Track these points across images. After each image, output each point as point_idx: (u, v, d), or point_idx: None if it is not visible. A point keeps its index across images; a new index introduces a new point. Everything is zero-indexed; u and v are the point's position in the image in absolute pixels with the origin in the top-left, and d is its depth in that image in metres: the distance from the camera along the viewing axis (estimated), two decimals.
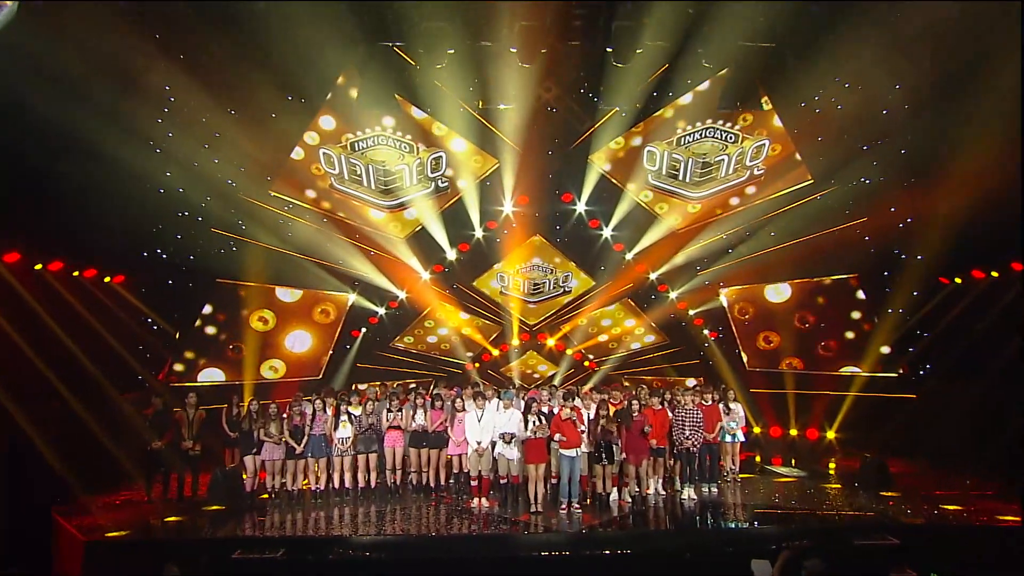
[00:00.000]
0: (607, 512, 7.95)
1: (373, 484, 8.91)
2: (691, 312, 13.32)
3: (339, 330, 12.57)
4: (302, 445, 8.63)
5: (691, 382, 13.24)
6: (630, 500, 8.30)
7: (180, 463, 8.90)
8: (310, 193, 11.26)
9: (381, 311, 13.07)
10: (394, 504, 8.45)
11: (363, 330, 13.07)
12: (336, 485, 8.79)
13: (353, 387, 11.06)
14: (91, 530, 7.30)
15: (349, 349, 12.91)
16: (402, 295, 12.82)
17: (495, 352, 13.94)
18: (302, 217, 11.27)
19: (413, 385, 10.50)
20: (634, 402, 8.38)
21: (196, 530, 7.65)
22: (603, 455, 7.99)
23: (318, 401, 8.86)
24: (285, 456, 8.65)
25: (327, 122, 10.79)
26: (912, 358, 10.98)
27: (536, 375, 14.40)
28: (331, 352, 12.49)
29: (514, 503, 8.16)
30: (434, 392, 9.52)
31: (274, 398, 9.60)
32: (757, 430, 12.86)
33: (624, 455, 8.16)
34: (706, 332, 13.43)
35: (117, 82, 8.38)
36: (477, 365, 13.91)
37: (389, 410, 8.96)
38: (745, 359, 12.89)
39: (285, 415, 8.70)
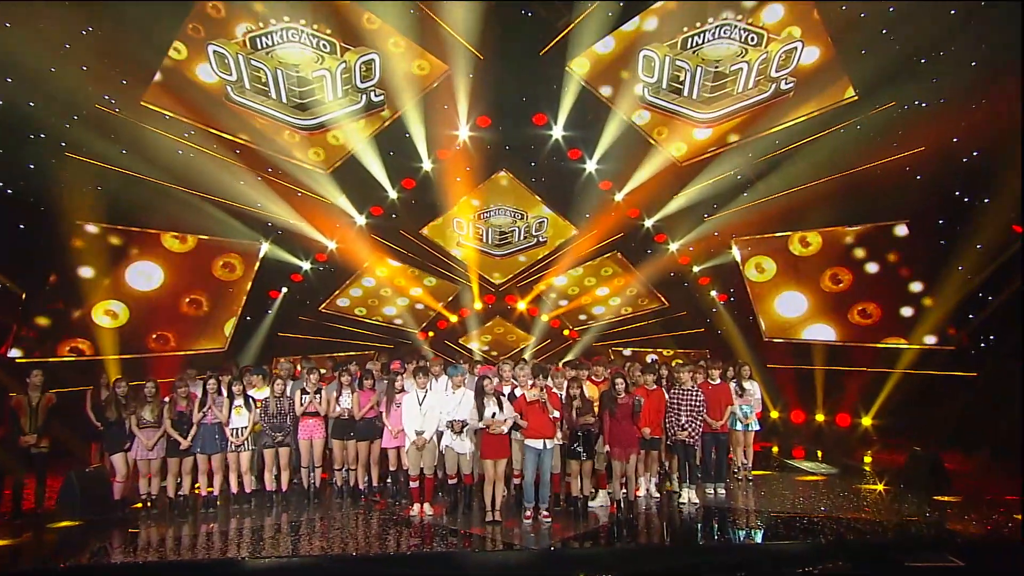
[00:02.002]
0: (585, 521, 7.49)
1: (284, 487, 8.39)
2: (696, 269, 13.13)
3: (248, 289, 12.07)
4: (188, 438, 8.03)
5: (652, 357, 13.39)
6: (615, 505, 7.84)
7: (18, 464, 8.14)
8: (198, 107, 9.98)
9: (305, 266, 12.69)
10: (310, 513, 7.94)
11: (283, 291, 12.82)
12: (234, 489, 8.22)
13: (275, 363, 10.30)
14: None
15: (268, 314, 12.70)
16: (331, 246, 12.40)
17: (452, 318, 13.97)
18: (192, 141, 10.26)
19: (346, 361, 10.33)
20: (620, 380, 7.69)
21: (38, 557, 6.93)
22: (580, 448, 7.49)
23: (211, 380, 8.19)
24: (166, 453, 8.08)
25: (214, 7, 9.50)
26: (973, 328, 10.56)
27: (503, 347, 14.56)
28: (238, 317, 12.02)
29: (466, 510, 7.73)
30: (365, 368, 9.06)
31: (156, 376, 8.76)
32: (775, 415, 12.54)
33: (607, 448, 7.66)
34: (714, 294, 13.27)
35: None
36: (431, 335, 14.09)
37: (304, 391, 8.39)
38: (763, 327, 12.43)
39: (167, 399, 8.11)
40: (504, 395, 7.56)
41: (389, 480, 8.63)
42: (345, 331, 13.66)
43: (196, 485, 8.29)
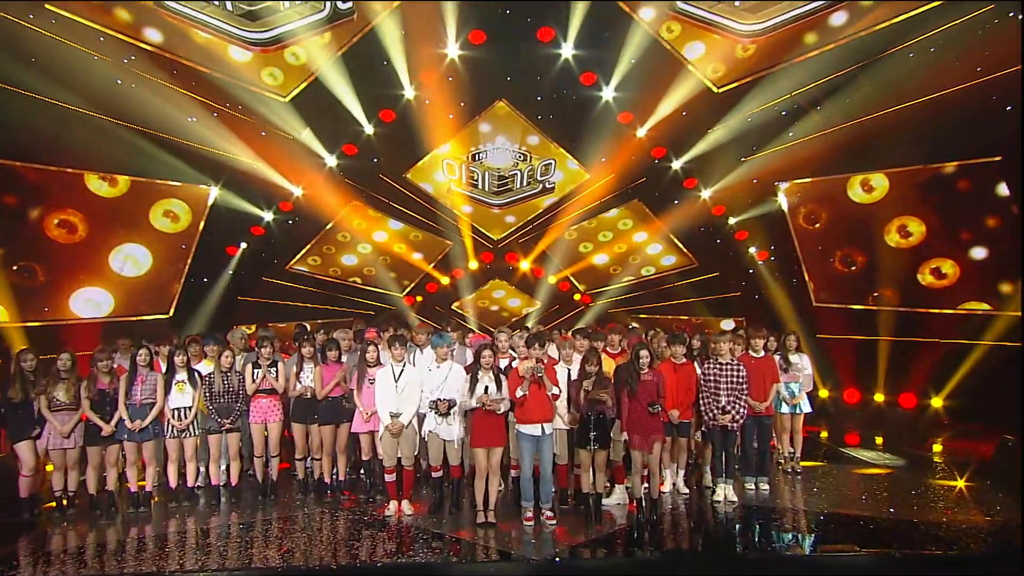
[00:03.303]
0: (597, 524, 7.20)
1: (233, 481, 8.29)
2: (732, 221, 12.79)
3: (196, 243, 11.65)
4: (112, 421, 7.75)
5: (728, 324, 13.03)
6: (634, 504, 7.51)
7: None
8: (117, 12, 9.32)
9: (267, 217, 12.35)
10: (265, 513, 7.74)
11: (242, 246, 12.51)
12: (173, 483, 8.03)
13: (239, 330, 9.76)
14: None
15: (224, 274, 12.43)
16: (297, 192, 12.01)
17: (443, 280, 13.98)
18: (105, 51, 9.49)
19: (311, 329, 10.08)
20: (643, 352, 7.30)
21: None
22: (592, 434, 7.13)
23: (142, 352, 7.92)
24: (85, 441, 7.80)
25: None
26: None
27: (503, 314, 14.61)
28: (185, 277, 11.71)
29: (452, 510, 7.53)
30: (330, 337, 8.73)
31: (80, 349, 8.47)
32: (824, 394, 12.20)
33: (626, 434, 7.33)
34: (753, 251, 12.98)
35: None
36: (419, 300, 14.13)
37: (256, 364, 8.15)
38: (812, 290, 12.09)
39: (89, 375, 7.86)
40: (501, 370, 7.41)
41: (362, 472, 8.47)
42: (317, 295, 13.51)
43: (141, 479, 8.06)
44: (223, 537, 6.99)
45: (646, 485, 7.48)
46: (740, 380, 7.79)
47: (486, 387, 7.04)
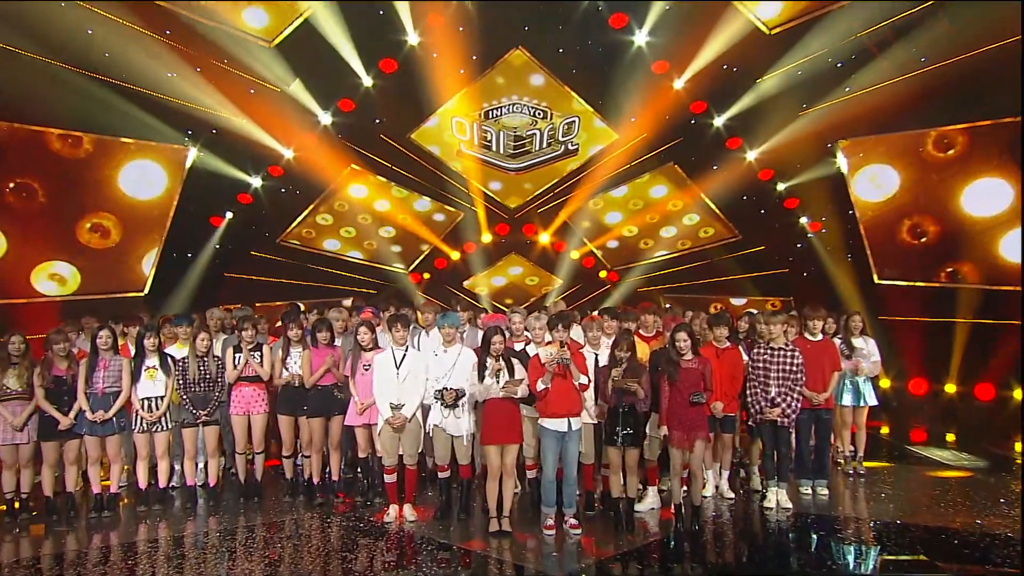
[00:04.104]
0: (629, 533, 6.97)
1: (211, 481, 8.12)
2: (781, 187, 12.55)
3: (173, 212, 11.49)
4: (71, 413, 7.56)
5: (739, 302, 13.35)
6: (671, 510, 7.23)
7: None
8: None
9: (255, 183, 12.32)
10: (249, 518, 7.60)
11: (227, 216, 12.50)
12: (141, 485, 7.88)
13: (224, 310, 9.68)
14: None
15: (207, 247, 12.52)
16: (287, 154, 11.99)
17: (453, 255, 14.10)
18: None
19: (299, 309, 9.97)
20: (682, 335, 7.06)
21: None
22: (623, 430, 6.91)
23: (103, 333, 7.70)
24: (39, 435, 7.62)
25: None
26: None
27: (520, 293, 14.62)
28: (162, 250, 11.61)
29: (462, 516, 7.39)
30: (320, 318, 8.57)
31: (45, 329, 8.24)
32: (886, 384, 11.94)
33: (663, 429, 7.11)
34: (805, 221, 12.71)
35: None
36: (426, 277, 14.28)
37: (237, 348, 8.01)
38: (873, 265, 11.72)
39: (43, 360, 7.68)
40: (516, 353, 7.18)
41: (358, 471, 8.20)
42: (312, 272, 13.61)
43: (110, 481, 7.87)
44: (200, 546, 6.83)
45: (685, 488, 7.26)
46: (794, 368, 7.47)
47: (498, 374, 6.79)
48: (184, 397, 7.73)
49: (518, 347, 7.39)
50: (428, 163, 12.51)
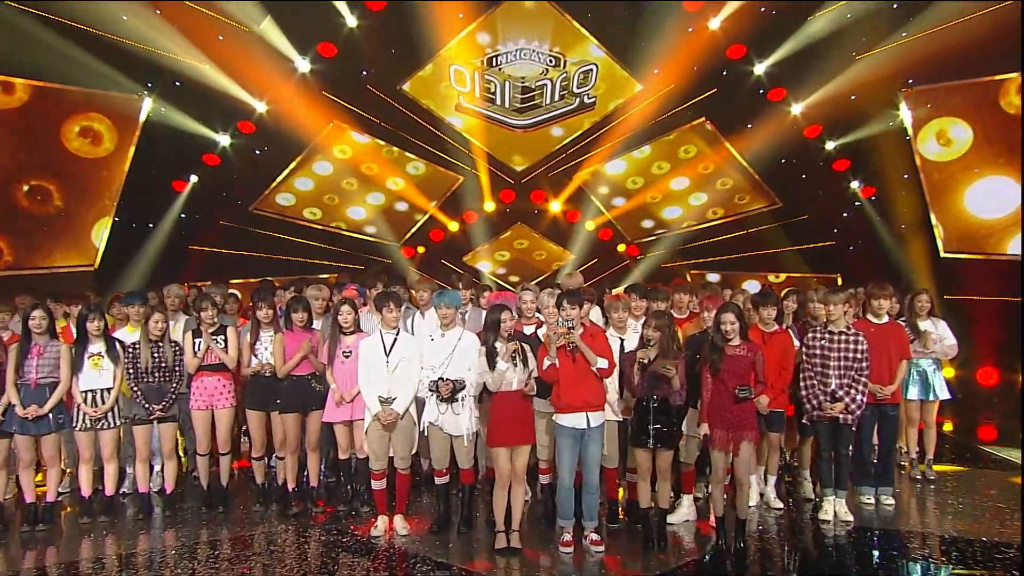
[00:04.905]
0: (660, 551, 6.76)
1: (168, 487, 7.92)
2: (830, 145, 12.26)
3: (127, 173, 11.27)
4: None
5: (714, 277, 13.51)
6: (709, 522, 7.20)
7: None
8: None
9: (223, 141, 12.13)
10: (212, 530, 7.42)
11: (192, 180, 12.32)
12: (85, 491, 7.64)
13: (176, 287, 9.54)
14: None
15: (176, 215, 12.40)
16: (260, 108, 11.85)
17: (451, 226, 14.13)
18: None
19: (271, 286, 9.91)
20: (729, 316, 6.76)
21: None
22: (654, 428, 6.63)
23: (36, 313, 7.43)
24: None
25: None
26: None
27: (526, 269, 14.60)
28: (115, 218, 11.38)
29: (463, 529, 7.22)
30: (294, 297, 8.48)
31: None
32: (949, 372, 11.55)
33: (703, 428, 6.87)
34: (856, 185, 12.47)
35: None
36: (420, 251, 14.31)
37: (198, 332, 7.81)
38: (940, 236, 11.42)
39: None
40: (527, 339, 7.00)
41: (341, 476, 8.11)
42: (291, 244, 13.56)
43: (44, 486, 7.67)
44: (154, 565, 6.58)
45: (725, 496, 6.97)
46: (859, 355, 7.18)
47: (514, 357, 6.54)
48: (135, 389, 7.49)
49: (528, 331, 7.25)
50: (422, 119, 12.40)
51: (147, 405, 7.45)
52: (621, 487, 7.48)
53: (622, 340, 7.07)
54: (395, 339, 6.95)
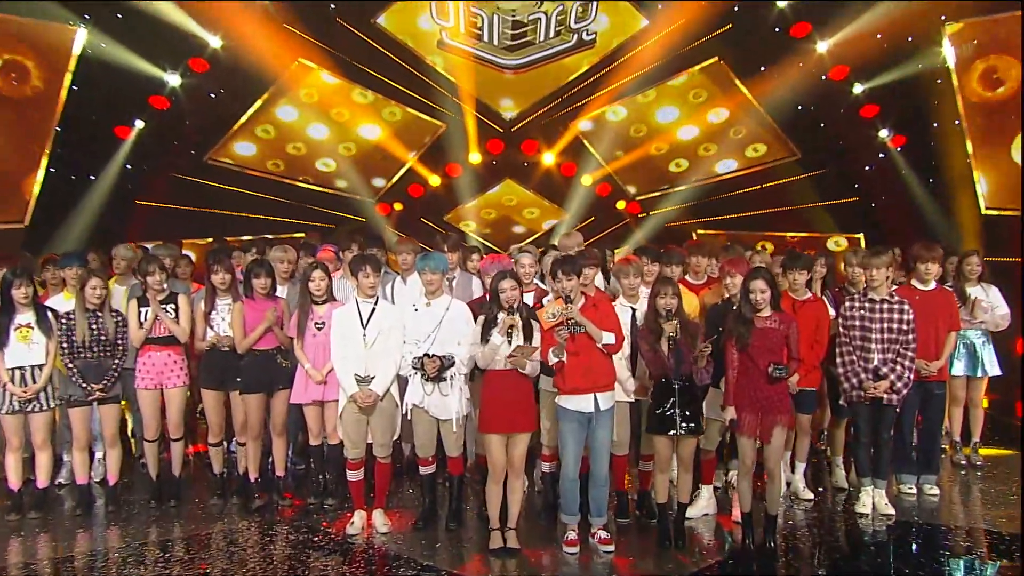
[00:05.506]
0: (678, 551, 6.58)
1: (111, 478, 7.69)
2: (858, 89, 12.05)
3: (59, 115, 10.96)
4: None
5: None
6: (733, 516, 7.12)
7: None
8: None
9: (172, 81, 11.87)
10: (163, 527, 7.24)
11: (137, 126, 12.03)
12: (14, 484, 7.49)
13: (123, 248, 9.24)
14: None
15: (120, 166, 12.04)
16: (215, 43, 11.56)
17: (432, 180, 14.06)
18: None
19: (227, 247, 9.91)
20: (759, 284, 6.56)
21: None
22: (675, 411, 6.43)
23: None
24: None
25: None
26: None
27: (516, 230, 14.54)
28: (46, 170, 11.10)
29: (452, 525, 7.09)
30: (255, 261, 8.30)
31: None
32: None
33: (729, 411, 6.69)
34: (886, 134, 12.33)
35: None
36: (397, 208, 14.23)
37: (144, 300, 7.59)
38: (982, 188, 11.20)
39: None
40: (530, 309, 6.77)
41: (311, 463, 8.07)
42: (251, 200, 13.33)
43: None
44: (95, 569, 6.35)
45: (762, 490, 6.78)
46: (905, 327, 6.96)
47: (510, 332, 6.29)
48: (71, 366, 7.24)
49: (532, 298, 7.10)
50: (399, 57, 12.27)
51: (85, 384, 7.24)
52: (631, 476, 7.33)
53: (634, 311, 6.85)
54: (373, 309, 6.76)
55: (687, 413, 6.37)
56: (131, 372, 7.54)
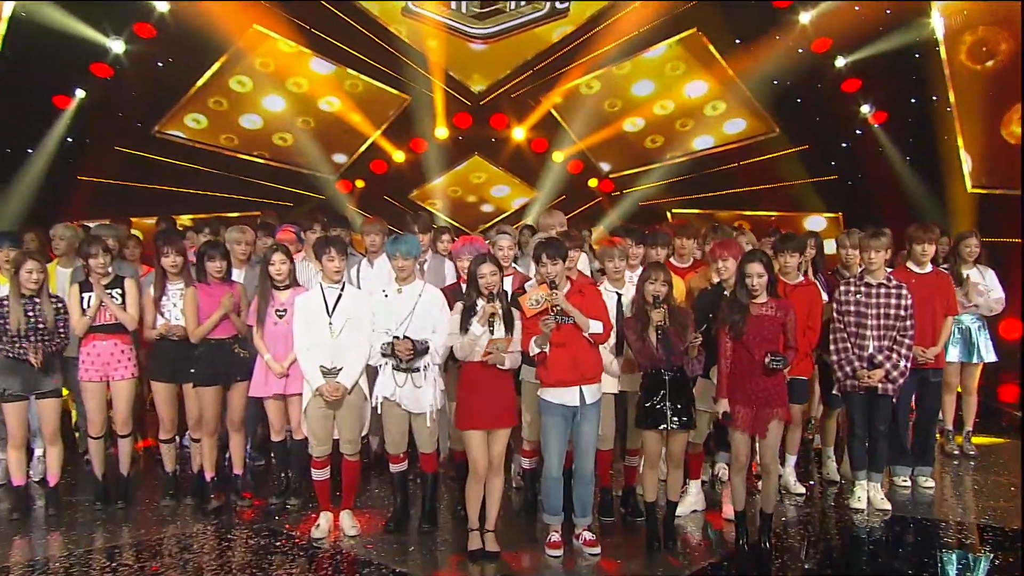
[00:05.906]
0: (668, 552, 6.44)
1: (51, 479, 7.44)
2: (841, 62, 12.07)
3: None
4: None
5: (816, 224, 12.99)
6: (725, 512, 7.03)
7: None
8: None
9: (115, 47, 11.53)
10: (110, 532, 6.99)
11: (78, 96, 11.74)
12: None
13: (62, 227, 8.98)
14: None
15: (60, 138, 11.75)
16: (162, 7, 11.38)
17: (396, 156, 14.03)
18: None
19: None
20: (756, 267, 6.39)
21: None
22: (665, 404, 6.29)
23: None
24: None
25: None
26: None
27: (484, 209, 14.71)
28: None
29: (425, 527, 6.92)
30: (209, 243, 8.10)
31: None
32: None
33: (722, 403, 6.57)
34: (867, 110, 12.34)
35: None
36: (359, 185, 14.17)
37: (85, 285, 7.31)
38: (967, 167, 11.25)
39: None
40: (508, 297, 6.60)
41: (273, 459, 7.88)
42: (203, 176, 13.09)
43: None
44: None
45: (756, 486, 6.85)
46: (902, 312, 6.87)
47: (492, 321, 6.10)
48: (9, 355, 6.91)
49: (511, 283, 6.91)
50: (362, 25, 12.14)
51: (21, 378, 6.91)
52: (614, 472, 7.16)
53: (619, 296, 6.67)
54: (340, 295, 6.54)
55: (678, 406, 6.22)
56: (74, 362, 7.23)
